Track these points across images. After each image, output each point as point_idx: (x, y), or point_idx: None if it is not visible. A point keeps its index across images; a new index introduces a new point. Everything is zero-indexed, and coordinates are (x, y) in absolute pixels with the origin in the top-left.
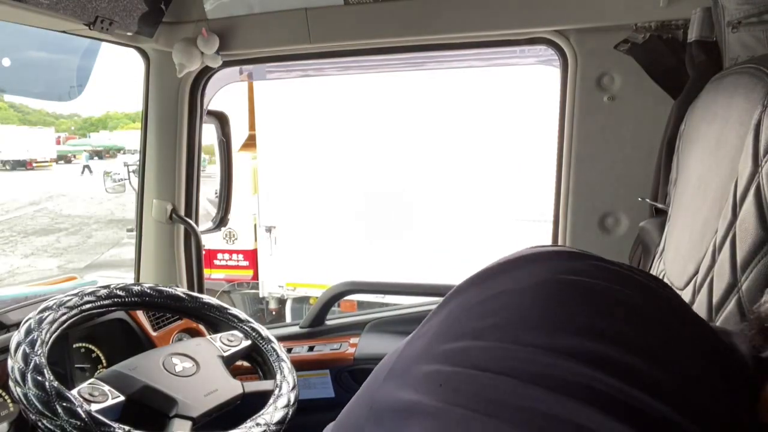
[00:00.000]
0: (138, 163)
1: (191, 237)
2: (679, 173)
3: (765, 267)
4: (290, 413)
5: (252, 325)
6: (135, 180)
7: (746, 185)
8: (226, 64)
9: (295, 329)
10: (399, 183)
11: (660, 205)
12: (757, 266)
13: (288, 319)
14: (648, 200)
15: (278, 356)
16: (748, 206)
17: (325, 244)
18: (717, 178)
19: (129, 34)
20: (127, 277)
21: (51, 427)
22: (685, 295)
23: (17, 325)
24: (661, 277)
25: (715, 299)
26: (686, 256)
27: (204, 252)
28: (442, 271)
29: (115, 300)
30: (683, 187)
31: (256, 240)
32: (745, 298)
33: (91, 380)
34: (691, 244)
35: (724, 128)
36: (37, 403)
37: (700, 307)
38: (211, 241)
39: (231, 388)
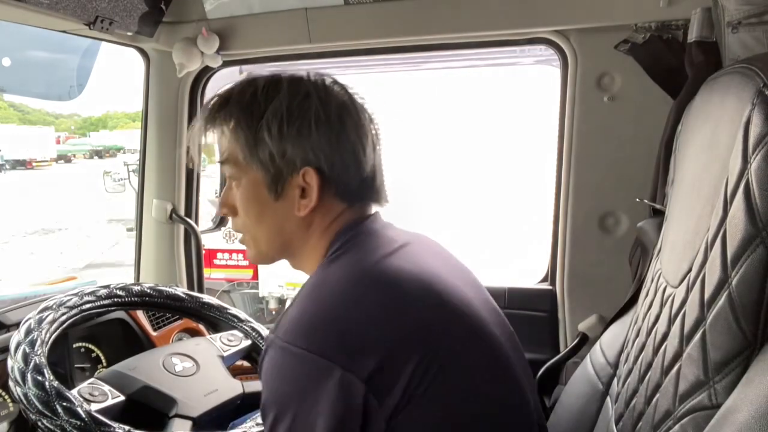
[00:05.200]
0: (138, 162)
1: (191, 237)
2: (676, 173)
3: (754, 262)
4: None
5: (252, 324)
6: (135, 180)
7: (736, 182)
8: (226, 64)
9: None
10: (400, 182)
11: (657, 206)
12: (746, 261)
13: None
14: (646, 201)
15: None
16: (738, 203)
17: None
18: (710, 176)
19: (129, 34)
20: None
21: (51, 426)
22: (679, 293)
23: (17, 325)
24: (657, 276)
25: (707, 295)
26: (681, 255)
27: (204, 251)
28: None
29: (115, 300)
30: (679, 187)
31: None
32: (735, 293)
33: (91, 380)
34: (685, 242)
35: (717, 128)
36: (37, 403)
37: (692, 304)
38: (211, 241)
39: (231, 388)
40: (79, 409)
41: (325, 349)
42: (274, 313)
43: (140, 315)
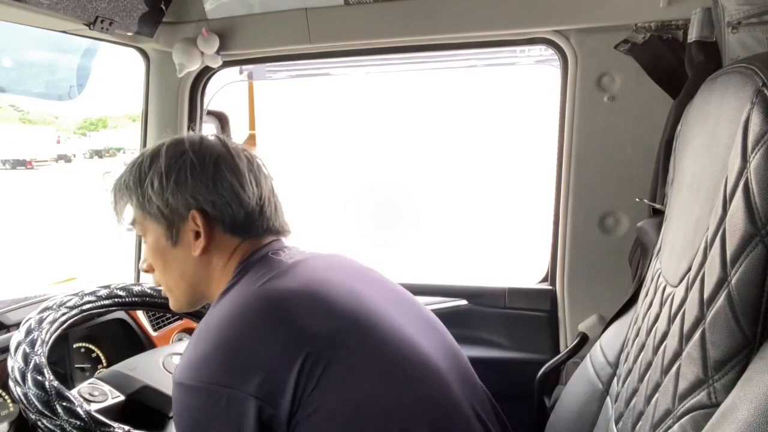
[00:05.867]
0: None
1: None
2: (676, 173)
3: (753, 261)
4: None
5: None
6: None
7: (735, 181)
8: (226, 64)
9: None
10: (402, 184)
11: (657, 206)
12: (745, 260)
13: None
14: (646, 201)
15: None
16: (737, 202)
17: (325, 243)
18: (709, 176)
19: (129, 34)
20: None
21: (51, 426)
22: (679, 292)
23: (17, 325)
24: (656, 276)
25: (706, 294)
26: (680, 254)
27: None
28: (444, 271)
29: (115, 300)
30: (678, 187)
31: None
32: (734, 292)
33: (91, 380)
34: (685, 242)
35: (716, 127)
36: (37, 403)
37: (692, 303)
38: None
39: None
40: (79, 409)
41: (213, 376)
42: None
43: (140, 315)
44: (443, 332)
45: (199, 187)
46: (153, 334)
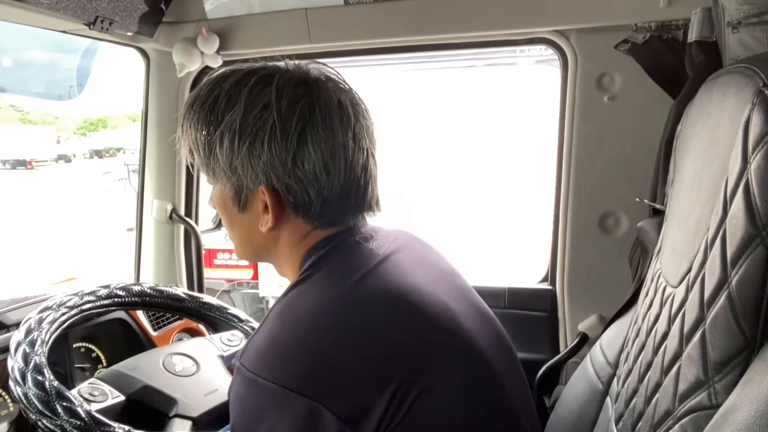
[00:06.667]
0: (138, 162)
1: (191, 237)
2: (676, 173)
3: (754, 262)
4: None
5: (252, 324)
6: (135, 180)
7: (735, 182)
8: (226, 64)
9: None
10: (400, 183)
11: (657, 206)
12: (746, 261)
13: None
14: (646, 201)
15: None
16: (738, 203)
17: None
18: (710, 176)
19: (129, 34)
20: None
21: (51, 426)
22: (679, 293)
23: (17, 325)
24: (657, 276)
25: (706, 295)
26: (680, 255)
27: (204, 252)
28: None
29: (115, 300)
30: (679, 187)
31: None
32: (735, 293)
33: (91, 380)
34: (685, 242)
35: (716, 127)
36: (37, 403)
37: (692, 304)
38: (211, 241)
39: None
40: (79, 409)
41: (293, 381)
42: None
43: (140, 315)
44: (513, 354)
45: (275, 164)
46: (153, 333)
